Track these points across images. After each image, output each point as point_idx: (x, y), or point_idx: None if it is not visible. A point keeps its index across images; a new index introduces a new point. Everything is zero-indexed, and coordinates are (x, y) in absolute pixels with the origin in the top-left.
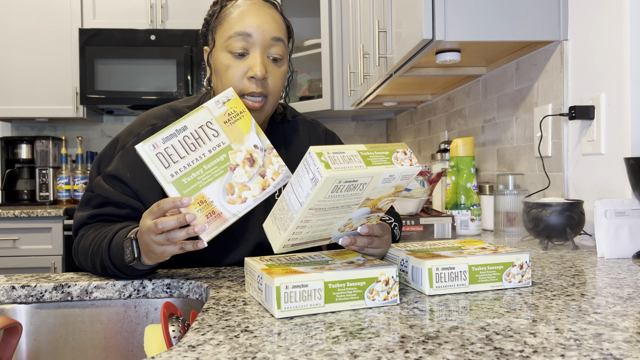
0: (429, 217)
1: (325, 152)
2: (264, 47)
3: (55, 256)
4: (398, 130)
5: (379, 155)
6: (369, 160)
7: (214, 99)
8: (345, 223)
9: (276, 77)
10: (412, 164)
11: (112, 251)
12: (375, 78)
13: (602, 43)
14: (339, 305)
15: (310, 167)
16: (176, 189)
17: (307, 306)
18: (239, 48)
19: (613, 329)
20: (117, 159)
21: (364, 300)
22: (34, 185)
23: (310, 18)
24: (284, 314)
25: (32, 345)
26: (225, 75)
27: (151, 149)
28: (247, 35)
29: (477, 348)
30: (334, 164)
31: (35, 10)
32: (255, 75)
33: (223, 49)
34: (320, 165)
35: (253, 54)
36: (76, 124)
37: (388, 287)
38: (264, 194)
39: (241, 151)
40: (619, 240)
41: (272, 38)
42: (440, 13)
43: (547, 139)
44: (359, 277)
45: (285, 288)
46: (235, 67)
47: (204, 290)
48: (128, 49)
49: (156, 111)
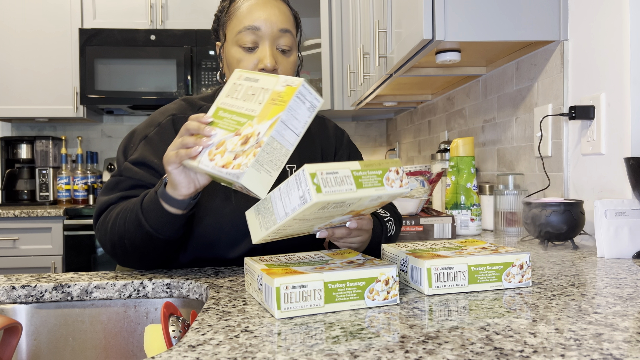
0: (429, 217)
1: (319, 173)
2: (273, 39)
3: (55, 256)
4: (398, 130)
5: (371, 175)
6: (360, 182)
7: (289, 77)
8: (325, 224)
9: (286, 67)
10: (402, 185)
11: (144, 205)
12: (375, 78)
13: (602, 43)
14: (339, 305)
15: (301, 185)
16: (212, 111)
17: (307, 306)
18: (249, 42)
19: (613, 329)
20: (141, 148)
21: (364, 300)
22: (34, 185)
23: (310, 18)
24: (284, 314)
25: (32, 345)
26: (237, 68)
27: (237, 76)
28: (255, 29)
29: (477, 348)
30: (325, 187)
31: (35, 10)
32: (266, 66)
33: (234, 44)
34: (311, 188)
35: (262, 47)
36: (76, 124)
37: (388, 287)
38: (217, 170)
39: (251, 126)
40: (619, 240)
41: (280, 30)
42: (440, 13)
43: (547, 139)
44: (359, 277)
45: (285, 289)
46: (247, 60)
47: (204, 290)
48: (128, 49)
49: (173, 104)
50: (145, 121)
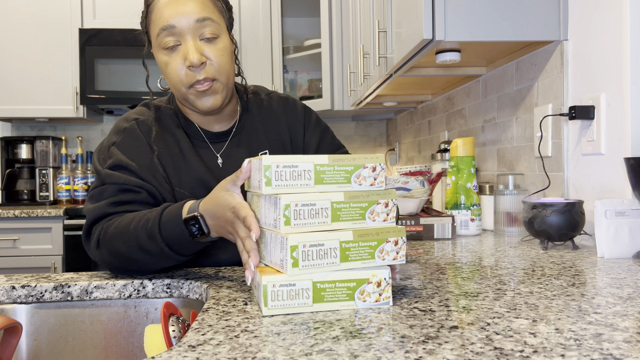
0: (429, 217)
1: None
2: (192, 32)
3: (55, 256)
4: (398, 130)
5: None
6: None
7: None
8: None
9: (216, 55)
10: (386, 219)
11: (163, 226)
12: (375, 78)
13: (602, 43)
14: (328, 305)
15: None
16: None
17: (295, 305)
18: (169, 42)
19: (613, 329)
20: (114, 153)
21: (355, 301)
22: (34, 185)
23: (310, 18)
24: (270, 311)
25: (32, 345)
26: (167, 71)
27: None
28: (171, 27)
29: (477, 348)
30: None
31: (35, 10)
32: (192, 62)
33: (158, 48)
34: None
35: (184, 43)
36: (76, 124)
37: (380, 289)
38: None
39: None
40: (619, 240)
41: (197, 20)
42: (440, 13)
43: (547, 139)
44: (348, 278)
45: (272, 286)
46: (173, 61)
47: (204, 290)
48: (128, 49)
49: (134, 110)
50: (112, 129)
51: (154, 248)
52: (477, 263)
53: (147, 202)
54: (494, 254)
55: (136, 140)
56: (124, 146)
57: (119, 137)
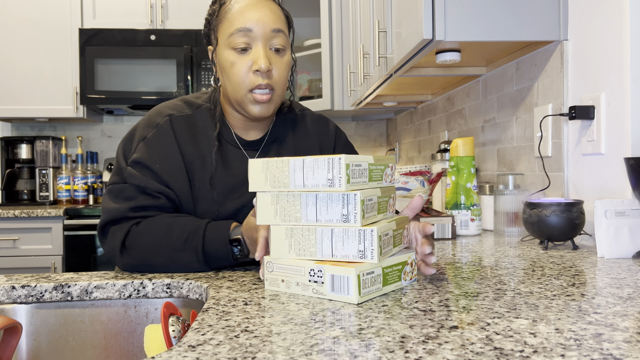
0: (429, 217)
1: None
2: (266, 39)
3: (55, 256)
4: (398, 130)
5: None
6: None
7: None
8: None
9: (280, 67)
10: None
11: (208, 244)
12: (375, 78)
13: (602, 43)
14: (388, 287)
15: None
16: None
17: (374, 290)
18: (242, 43)
19: (613, 329)
20: (141, 149)
21: (401, 282)
22: (34, 185)
23: (310, 18)
24: (362, 298)
25: (32, 345)
26: (232, 71)
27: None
28: (247, 30)
29: (477, 348)
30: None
31: (35, 10)
32: (260, 68)
33: (226, 46)
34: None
35: (256, 48)
36: (76, 124)
37: (412, 268)
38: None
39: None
40: (619, 240)
41: (273, 30)
42: (440, 13)
43: (547, 139)
44: (398, 262)
45: (363, 275)
46: (240, 63)
47: (204, 290)
48: (128, 49)
49: (170, 103)
50: (144, 120)
51: (187, 260)
52: (477, 263)
53: (165, 207)
54: (494, 254)
55: (166, 138)
56: (152, 144)
57: (149, 131)
